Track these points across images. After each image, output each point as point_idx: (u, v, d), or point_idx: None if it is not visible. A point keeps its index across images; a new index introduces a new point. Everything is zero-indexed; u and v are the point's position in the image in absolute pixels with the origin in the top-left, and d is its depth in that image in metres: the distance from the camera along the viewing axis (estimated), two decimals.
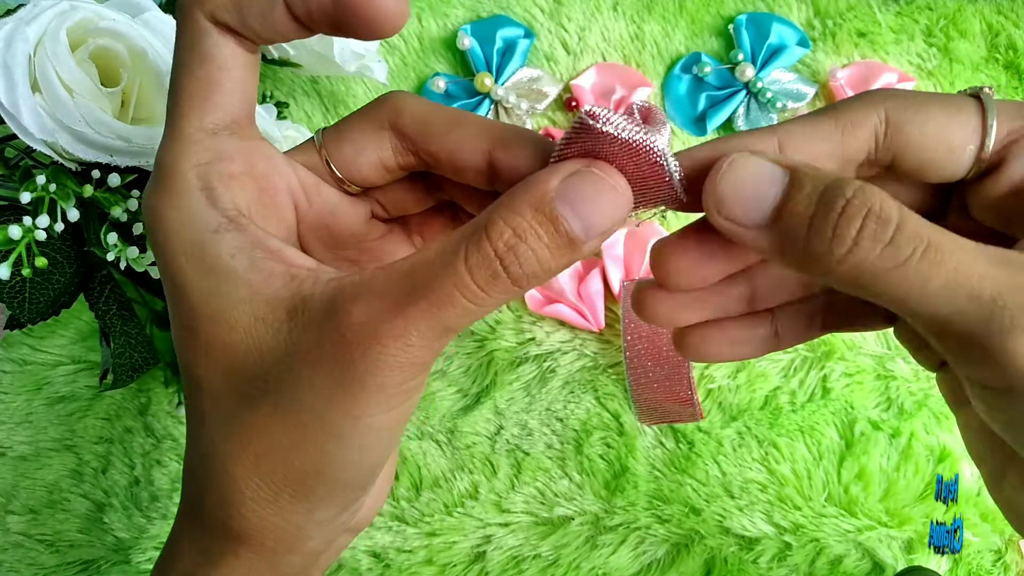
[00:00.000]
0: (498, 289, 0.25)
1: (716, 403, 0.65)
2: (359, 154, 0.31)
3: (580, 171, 0.26)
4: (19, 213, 0.44)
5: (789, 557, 0.63)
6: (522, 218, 0.25)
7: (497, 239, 0.25)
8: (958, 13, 0.69)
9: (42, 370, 0.68)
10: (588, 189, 0.26)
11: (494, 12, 0.70)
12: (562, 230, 0.25)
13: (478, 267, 0.25)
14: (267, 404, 0.27)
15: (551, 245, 0.25)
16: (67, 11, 0.44)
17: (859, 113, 0.28)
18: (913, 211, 0.24)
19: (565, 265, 0.26)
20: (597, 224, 0.25)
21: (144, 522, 0.66)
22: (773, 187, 0.26)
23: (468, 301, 0.25)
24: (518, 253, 0.25)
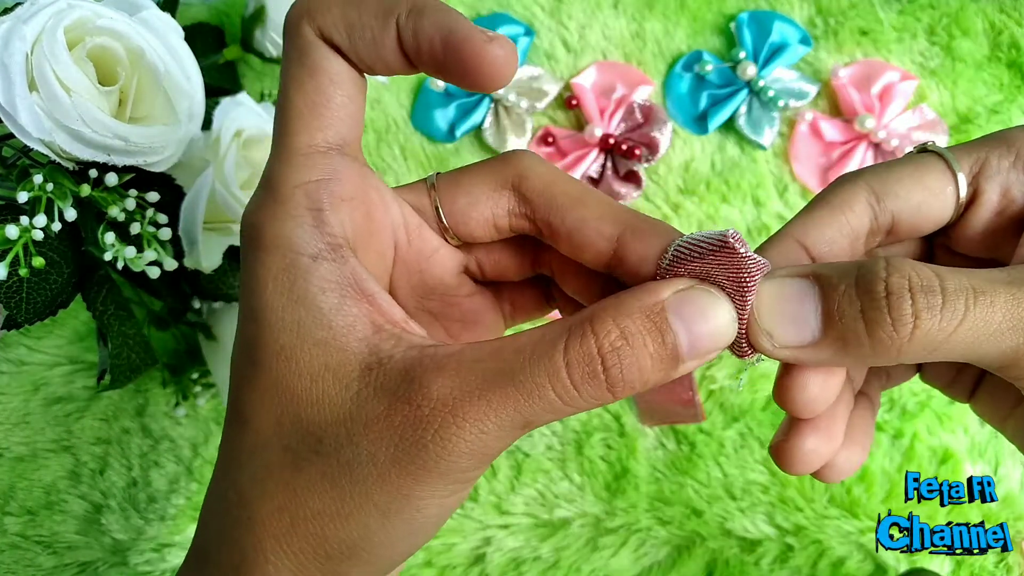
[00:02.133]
0: (591, 390, 0.24)
1: (717, 404, 0.65)
2: (472, 207, 0.30)
3: (696, 287, 0.26)
4: (16, 213, 0.44)
5: (791, 559, 0.63)
6: (631, 321, 0.24)
7: (604, 337, 0.24)
8: (960, 11, 0.69)
9: (39, 370, 0.68)
10: (700, 308, 0.25)
11: (494, 10, 0.70)
12: (669, 342, 0.24)
13: (577, 363, 0.24)
14: (315, 468, 0.25)
15: (654, 356, 0.24)
16: (64, 10, 0.43)
17: (848, 194, 0.29)
18: None
19: (659, 381, 0.25)
20: (703, 344, 0.25)
21: (142, 523, 0.65)
22: (808, 300, 0.25)
23: (557, 396, 0.24)
24: (622, 356, 0.24)
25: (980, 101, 0.68)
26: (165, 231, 0.48)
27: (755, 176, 0.68)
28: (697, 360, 0.25)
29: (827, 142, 0.67)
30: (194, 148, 0.51)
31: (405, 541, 0.25)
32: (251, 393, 0.26)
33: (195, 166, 0.52)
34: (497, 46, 0.25)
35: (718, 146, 0.69)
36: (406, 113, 0.70)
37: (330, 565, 0.25)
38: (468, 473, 0.24)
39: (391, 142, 0.69)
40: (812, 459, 0.30)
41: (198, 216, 0.48)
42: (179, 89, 0.48)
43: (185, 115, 0.48)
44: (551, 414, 0.24)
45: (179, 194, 0.50)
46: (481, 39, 0.25)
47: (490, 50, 0.25)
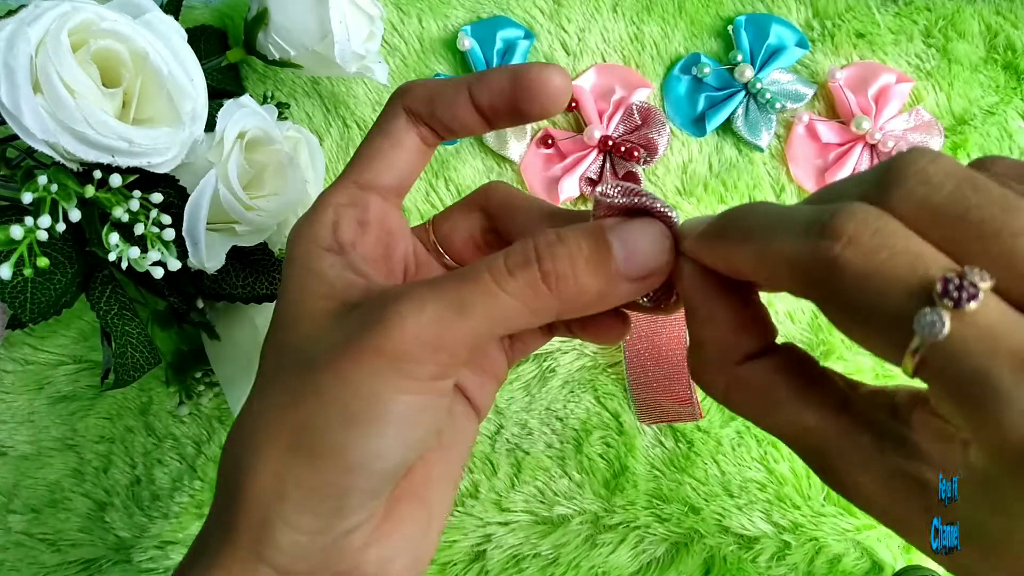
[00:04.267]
0: (524, 276, 0.26)
1: (715, 403, 0.65)
2: (453, 231, 0.35)
3: (636, 219, 0.28)
4: (21, 213, 0.44)
5: (788, 556, 0.63)
6: (571, 232, 0.27)
7: (541, 237, 0.27)
8: (957, 14, 0.69)
9: (44, 370, 0.68)
10: (636, 227, 0.27)
11: (494, 13, 0.70)
12: (604, 250, 0.26)
13: (513, 254, 0.26)
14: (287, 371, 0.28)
15: (589, 259, 0.26)
16: (69, 12, 0.44)
17: None
18: None
19: (595, 292, 0.27)
20: (638, 261, 0.27)
21: (145, 521, 0.66)
22: None
23: (491, 279, 0.26)
24: (556, 249, 0.26)
25: (976, 103, 0.68)
26: (169, 232, 0.48)
27: (752, 177, 0.68)
28: (637, 280, 0.27)
29: (823, 144, 0.68)
30: (197, 150, 0.52)
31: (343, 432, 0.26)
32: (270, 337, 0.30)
33: (199, 167, 0.52)
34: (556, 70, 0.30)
35: (716, 148, 0.69)
36: None
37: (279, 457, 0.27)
38: (411, 363, 0.26)
39: None
40: None
41: (201, 217, 0.49)
42: (182, 91, 0.48)
43: (188, 117, 0.49)
44: (488, 298, 0.26)
45: (183, 195, 0.50)
46: (541, 65, 0.30)
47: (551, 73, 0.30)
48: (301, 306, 0.29)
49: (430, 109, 0.31)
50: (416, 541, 0.30)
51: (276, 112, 0.61)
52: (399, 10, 0.71)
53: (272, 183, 0.56)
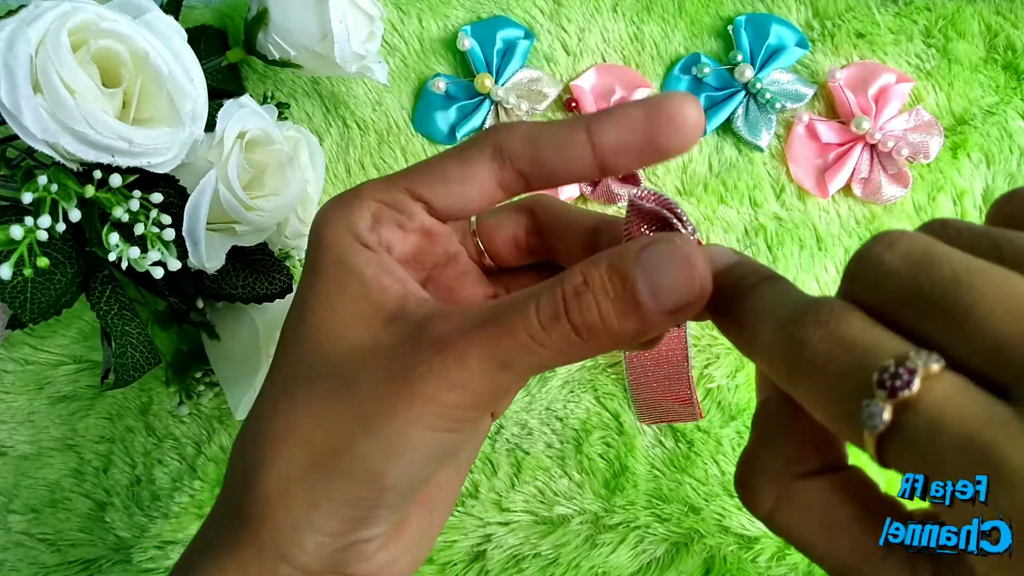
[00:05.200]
0: (558, 332, 0.26)
1: (715, 402, 0.66)
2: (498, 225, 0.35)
3: (661, 239, 0.26)
4: (21, 213, 0.44)
5: (788, 556, 0.63)
6: (596, 271, 0.26)
7: (568, 283, 0.26)
8: (957, 14, 0.69)
9: (44, 370, 0.68)
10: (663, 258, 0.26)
11: (494, 13, 0.70)
12: (629, 289, 0.25)
13: (545, 306, 0.26)
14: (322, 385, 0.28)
15: (615, 302, 0.25)
16: (69, 12, 0.44)
17: None
18: None
19: (629, 332, 0.26)
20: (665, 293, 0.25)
21: (145, 521, 0.66)
22: None
23: (529, 336, 0.26)
24: (582, 300, 0.26)
25: (976, 103, 0.68)
26: (169, 232, 0.48)
27: (752, 177, 0.68)
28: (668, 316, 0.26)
29: (823, 144, 0.68)
30: (197, 150, 0.52)
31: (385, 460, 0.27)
32: (292, 333, 0.30)
33: (199, 167, 0.52)
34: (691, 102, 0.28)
35: (716, 147, 0.69)
36: (407, 115, 0.70)
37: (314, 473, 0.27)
38: (451, 410, 0.27)
39: (392, 144, 0.70)
40: None
41: (201, 217, 0.49)
42: (182, 91, 0.48)
43: (188, 117, 0.49)
44: (528, 356, 0.26)
45: (183, 195, 0.50)
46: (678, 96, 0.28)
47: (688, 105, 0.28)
48: (333, 305, 0.29)
49: (533, 152, 0.29)
50: (418, 543, 0.32)
51: (276, 112, 0.61)
52: (399, 10, 0.71)
53: (272, 183, 0.56)
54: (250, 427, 0.30)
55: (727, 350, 0.66)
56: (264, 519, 0.28)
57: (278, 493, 0.28)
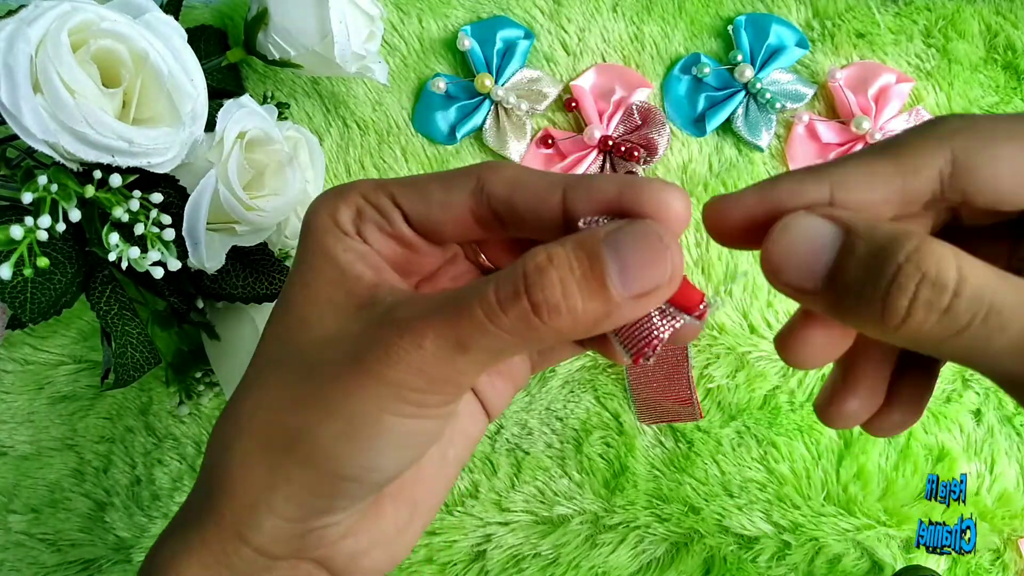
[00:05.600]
0: (515, 312, 0.24)
1: (715, 402, 0.66)
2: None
3: (635, 222, 0.25)
4: (21, 213, 0.44)
5: (788, 556, 0.63)
6: (561, 248, 0.24)
7: (530, 260, 0.24)
8: (957, 14, 0.69)
9: (44, 370, 0.68)
10: (638, 240, 0.25)
11: (494, 13, 0.70)
12: (597, 268, 0.24)
13: (503, 285, 0.24)
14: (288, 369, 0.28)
15: (581, 281, 0.24)
16: (69, 12, 0.44)
17: (923, 156, 0.26)
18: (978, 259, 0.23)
19: (592, 316, 0.24)
20: (636, 277, 0.24)
21: (145, 521, 0.66)
22: (826, 251, 0.25)
23: (483, 316, 0.24)
24: (544, 277, 0.24)
25: (976, 103, 0.68)
26: (169, 232, 0.48)
27: (752, 177, 0.68)
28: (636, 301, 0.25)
29: (823, 144, 0.68)
30: (197, 150, 0.52)
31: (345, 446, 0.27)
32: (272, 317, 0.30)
33: (199, 167, 0.52)
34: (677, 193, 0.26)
35: (716, 148, 0.69)
36: (407, 115, 0.70)
37: (274, 453, 0.27)
38: (409, 394, 0.26)
39: (392, 144, 0.70)
40: (852, 418, 0.31)
41: (201, 217, 0.49)
42: (182, 91, 0.48)
43: (188, 117, 0.48)
44: (484, 337, 0.25)
45: (183, 195, 0.50)
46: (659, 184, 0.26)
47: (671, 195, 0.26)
48: (310, 291, 0.29)
49: (509, 197, 0.28)
50: (393, 537, 0.31)
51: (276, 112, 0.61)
52: (399, 10, 0.71)
53: (272, 183, 0.56)
54: (226, 410, 0.30)
55: (727, 350, 0.66)
56: (225, 496, 0.28)
57: (239, 470, 0.27)
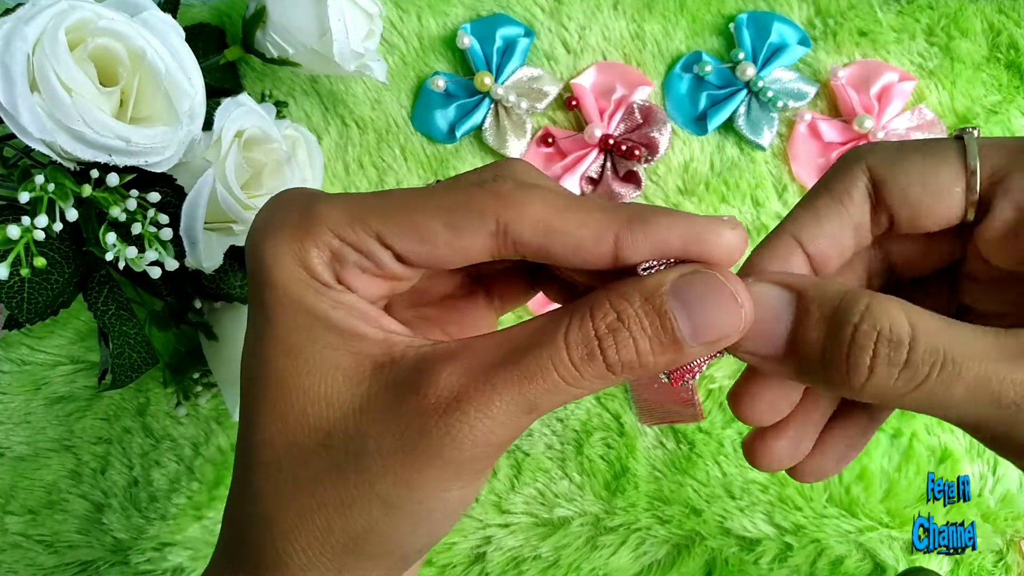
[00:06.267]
0: (592, 371, 0.24)
1: (717, 404, 0.65)
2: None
3: (701, 271, 0.25)
4: (17, 213, 0.44)
5: (790, 558, 0.63)
6: (629, 305, 0.24)
7: (600, 319, 0.24)
8: (959, 12, 0.69)
9: (41, 370, 0.68)
10: (706, 292, 0.24)
11: (494, 11, 0.70)
12: (668, 326, 0.24)
13: (576, 344, 0.24)
14: (322, 461, 0.25)
15: (653, 339, 0.24)
16: (66, 10, 0.44)
17: (846, 180, 0.28)
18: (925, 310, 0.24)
19: (664, 365, 0.25)
20: (707, 330, 0.24)
21: (143, 523, 0.66)
22: (783, 317, 0.26)
23: (560, 377, 0.24)
24: (618, 338, 0.24)
25: (979, 101, 0.68)
26: (166, 231, 0.48)
27: (754, 176, 0.68)
28: (707, 346, 0.25)
29: (826, 143, 0.68)
30: (195, 148, 0.52)
31: (413, 534, 0.26)
32: (257, 391, 0.26)
33: (196, 166, 0.52)
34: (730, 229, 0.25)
35: (717, 146, 0.69)
36: (407, 114, 0.70)
37: (338, 558, 0.25)
38: (475, 464, 0.24)
39: (391, 142, 0.69)
40: (777, 460, 0.31)
41: (199, 216, 0.49)
42: (180, 90, 0.48)
43: (186, 115, 0.48)
44: (557, 396, 0.24)
45: (180, 194, 0.50)
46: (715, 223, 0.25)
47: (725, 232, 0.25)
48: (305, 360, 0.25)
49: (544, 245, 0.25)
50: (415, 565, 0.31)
51: (274, 110, 0.61)
52: (398, 8, 0.70)
53: (270, 182, 0.55)
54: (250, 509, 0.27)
55: None
56: None
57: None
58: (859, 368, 0.24)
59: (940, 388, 0.23)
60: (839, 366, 0.24)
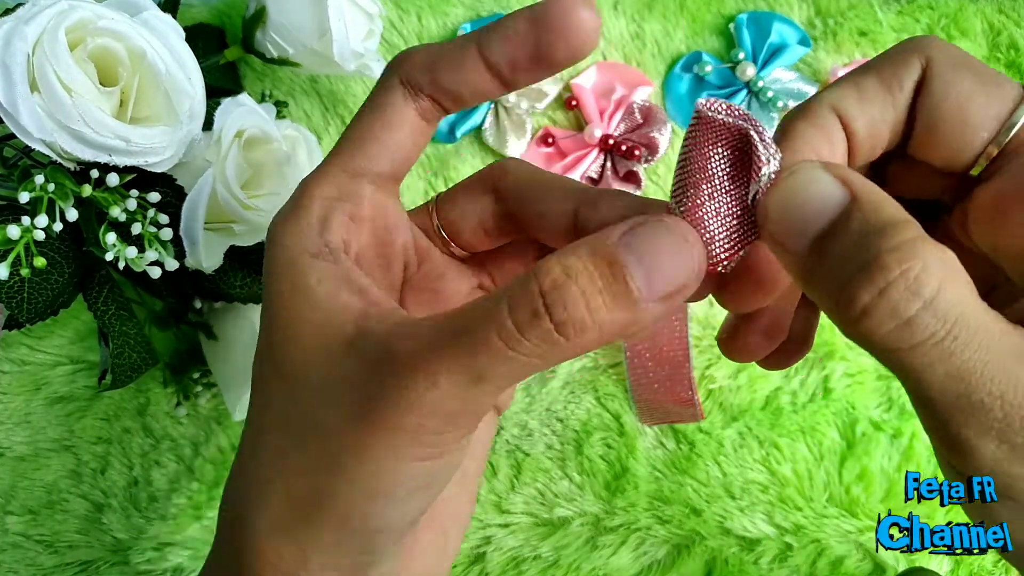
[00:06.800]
0: (537, 334, 0.22)
1: (717, 403, 0.65)
2: (462, 217, 0.32)
3: (650, 220, 0.23)
4: (18, 213, 0.44)
5: (790, 558, 0.63)
6: (576, 258, 0.22)
7: (544, 276, 0.22)
8: (959, 12, 0.69)
9: (41, 370, 0.68)
10: (657, 240, 0.23)
11: (494, 11, 0.70)
12: (620, 277, 0.22)
13: (519, 306, 0.22)
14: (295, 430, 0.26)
15: (605, 293, 0.22)
16: (66, 10, 0.44)
17: (899, 66, 0.26)
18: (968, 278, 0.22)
19: (619, 326, 0.22)
20: (662, 279, 0.22)
21: (143, 523, 0.66)
22: (825, 213, 0.23)
23: (503, 343, 0.22)
24: (565, 293, 0.22)
25: None
26: (166, 231, 0.48)
27: None
28: (662, 303, 0.23)
29: None
30: (195, 148, 0.52)
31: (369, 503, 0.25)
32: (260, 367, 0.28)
33: (196, 166, 0.52)
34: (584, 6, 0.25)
35: None
36: None
37: (300, 525, 0.26)
38: (425, 435, 0.24)
39: None
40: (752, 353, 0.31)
41: (199, 216, 0.49)
42: (180, 90, 0.48)
43: (186, 116, 0.48)
44: (504, 365, 0.23)
45: (180, 194, 0.50)
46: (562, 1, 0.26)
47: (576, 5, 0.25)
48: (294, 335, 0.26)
49: (431, 76, 0.28)
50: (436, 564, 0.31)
51: (274, 110, 0.61)
52: (398, 8, 0.70)
53: (270, 182, 0.55)
54: (234, 477, 0.28)
55: None
56: None
57: (269, 550, 0.26)
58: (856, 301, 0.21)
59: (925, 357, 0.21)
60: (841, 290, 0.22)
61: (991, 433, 0.21)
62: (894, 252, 0.21)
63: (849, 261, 0.22)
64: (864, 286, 0.21)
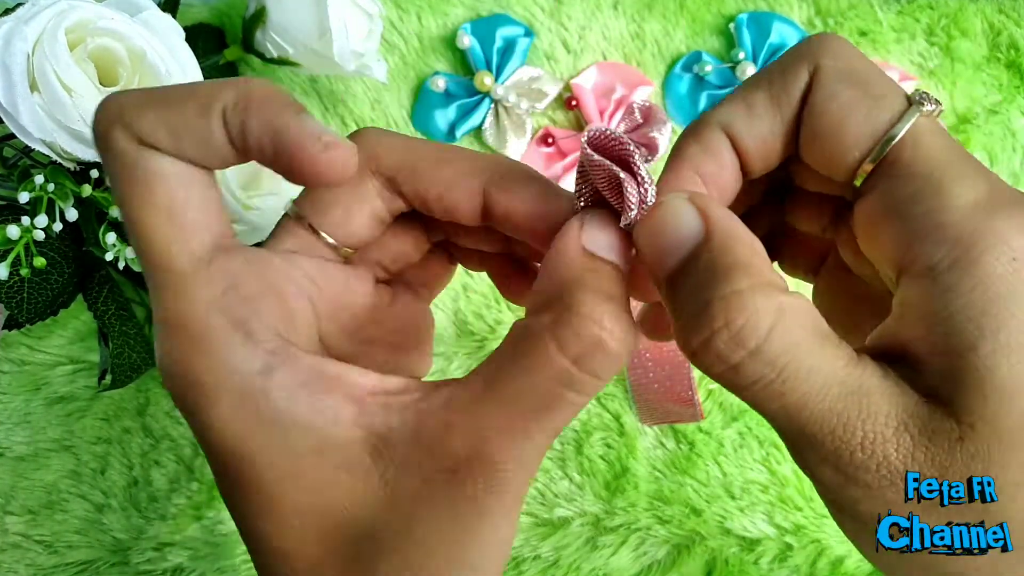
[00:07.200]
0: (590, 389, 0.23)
1: (717, 403, 0.65)
2: (348, 214, 0.28)
3: None
4: (17, 213, 0.44)
5: (790, 558, 0.63)
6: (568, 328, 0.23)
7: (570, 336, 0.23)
8: (959, 12, 0.69)
9: (40, 370, 0.68)
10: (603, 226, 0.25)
11: (494, 11, 0.70)
12: None
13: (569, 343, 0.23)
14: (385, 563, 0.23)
15: None
16: (66, 10, 0.44)
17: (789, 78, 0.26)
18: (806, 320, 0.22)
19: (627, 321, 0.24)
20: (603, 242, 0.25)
21: (143, 523, 0.66)
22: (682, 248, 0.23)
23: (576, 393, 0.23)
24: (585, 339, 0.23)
25: (979, 101, 0.68)
26: None
27: None
28: None
29: None
30: None
31: None
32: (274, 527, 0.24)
33: None
34: (333, 153, 0.24)
35: None
36: (406, 113, 0.70)
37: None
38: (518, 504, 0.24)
39: None
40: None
41: None
42: None
43: None
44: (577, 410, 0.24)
45: None
46: (314, 148, 0.24)
47: (324, 158, 0.24)
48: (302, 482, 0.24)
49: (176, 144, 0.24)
50: None
51: None
52: (398, 8, 0.70)
53: (270, 182, 0.55)
54: None
55: None
56: None
57: None
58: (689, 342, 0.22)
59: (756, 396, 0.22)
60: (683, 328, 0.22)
61: (827, 463, 0.22)
62: (722, 301, 0.21)
63: (689, 301, 0.22)
64: (695, 330, 0.22)
